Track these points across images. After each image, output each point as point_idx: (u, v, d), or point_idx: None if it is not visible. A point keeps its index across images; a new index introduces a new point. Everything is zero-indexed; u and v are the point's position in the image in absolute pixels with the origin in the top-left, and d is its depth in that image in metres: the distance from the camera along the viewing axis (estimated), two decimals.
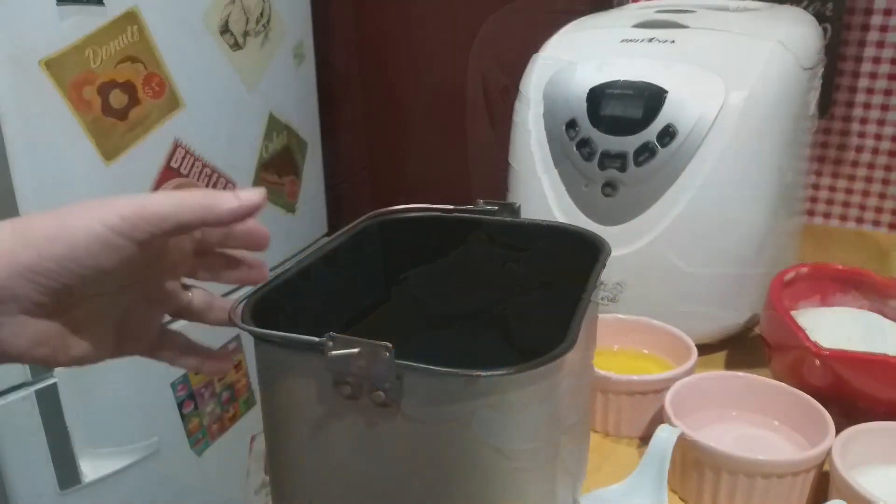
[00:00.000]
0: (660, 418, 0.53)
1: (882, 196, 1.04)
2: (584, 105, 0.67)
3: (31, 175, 0.90)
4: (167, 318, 0.40)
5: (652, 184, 0.65)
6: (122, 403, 1.05)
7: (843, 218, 1.08)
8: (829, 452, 0.48)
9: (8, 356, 0.32)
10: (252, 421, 1.31)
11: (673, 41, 0.68)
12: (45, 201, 0.92)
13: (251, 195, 0.33)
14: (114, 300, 0.36)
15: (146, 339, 0.39)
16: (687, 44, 0.68)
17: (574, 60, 0.70)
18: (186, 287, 0.39)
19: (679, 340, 0.62)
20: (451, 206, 0.48)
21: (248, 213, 0.33)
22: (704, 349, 0.67)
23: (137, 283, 0.36)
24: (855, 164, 1.05)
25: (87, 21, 0.91)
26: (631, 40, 0.70)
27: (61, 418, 0.98)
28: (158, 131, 1.03)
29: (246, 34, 1.19)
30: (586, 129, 0.67)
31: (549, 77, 0.71)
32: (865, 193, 1.05)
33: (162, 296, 0.38)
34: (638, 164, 0.65)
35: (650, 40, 0.69)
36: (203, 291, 0.40)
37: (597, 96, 0.67)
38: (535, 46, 0.76)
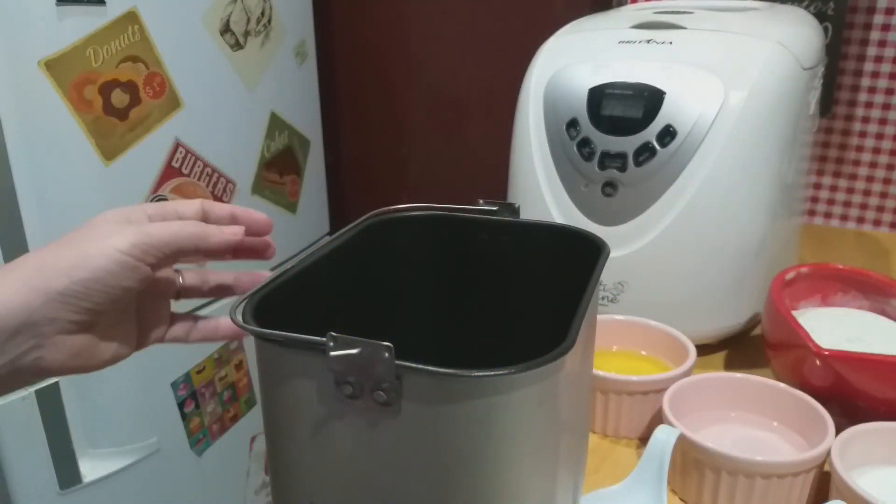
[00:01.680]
0: (659, 419, 0.53)
1: (884, 196, 1.04)
2: (584, 105, 0.67)
3: (31, 175, 0.90)
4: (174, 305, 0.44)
5: (652, 184, 0.65)
6: (122, 403, 1.06)
7: (844, 218, 1.08)
8: (828, 453, 0.48)
9: (48, 372, 0.36)
10: (252, 421, 1.31)
11: (671, 42, 0.68)
12: (46, 201, 0.92)
13: (234, 230, 0.40)
14: (128, 304, 0.40)
15: (162, 326, 0.43)
16: (685, 45, 0.68)
17: (573, 61, 0.71)
18: (177, 272, 0.44)
19: (677, 341, 0.62)
20: (452, 206, 0.49)
21: (232, 244, 0.40)
22: (704, 349, 0.67)
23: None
24: (856, 163, 1.05)
25: (87, 21, 0.91)
26: (629, 41, 0.70)
27: (61, 418, 0.98)
28: (159, 131, 1.03)
29: (247, 34, 1.19)
30: (586, 129, 0.67)
31: (549, 77, 0.71)
32: (867, 193, 1.05)
33: (163, 287, 0.43)
34: (638, 164, 0.65)
35: (648, 42, 0.69)
36: (192, 272, 0.45)
37: (596, 97, 0.67)
38: (535, 47, 0.76)
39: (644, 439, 0.56)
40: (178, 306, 0.45)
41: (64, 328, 0.35)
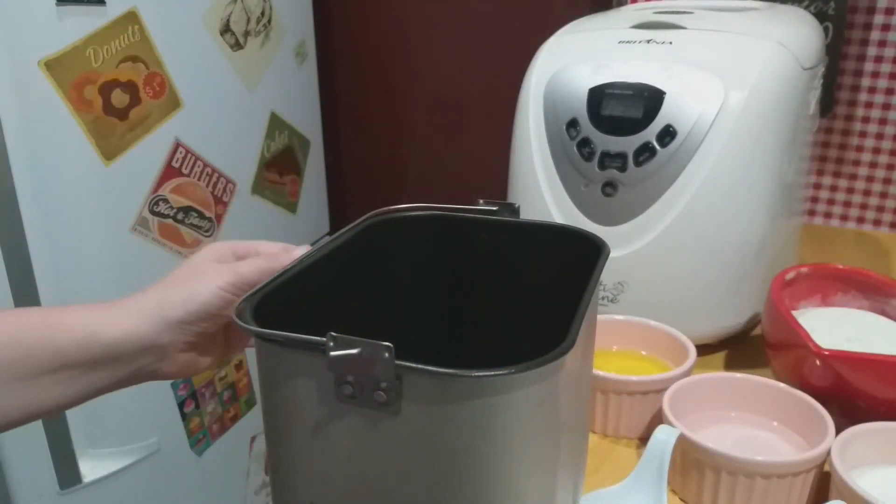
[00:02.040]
0: (659, 419, 0.53)
1: (884, 196, 1.04)
2: (584, 105, 0.67)
3: (31, 175, 0.90)
4: None
5: (652, 184, 0.65)
6: (122, 403, 1.05)
7: (844, 218, 1.08)
8: (828, 453, 0.48)
9: (162, 378, 0.46)
10: (252, 421, 1.31)
11: (671, 42, 0.68)
12: (45, 201, 0.92)
13: None
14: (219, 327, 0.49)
15: (244, 338, 0.51)
16: (685, 45, 0.68)
17: (573, 61, 0.71)
18: None
19: (677, 341, 0.62)
20: (452, 206, 0.49)
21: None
22: (704, 349, 0.67)
23: None
24: (856, 163, 1.05)
25: (87, 21, 0.91)
26: (629, 41, 0.70)
27: (61, 418, 0.98)
28: (159, 131, 1.03)
29: (247, 34, 1.19)
30: (586, 129, 0.67)
31: (549, 77, 0.71)
32: (867, 193, 1.05)
33: None
34: (638, 164, 0.65)
35: (648, 41, 0.69)
36: None
37: (596, 96, 0.67)
38: (535, 47, 0.76)
39: (644, 439, 0.56)
40: None
41: (178, 347, 0.45)
